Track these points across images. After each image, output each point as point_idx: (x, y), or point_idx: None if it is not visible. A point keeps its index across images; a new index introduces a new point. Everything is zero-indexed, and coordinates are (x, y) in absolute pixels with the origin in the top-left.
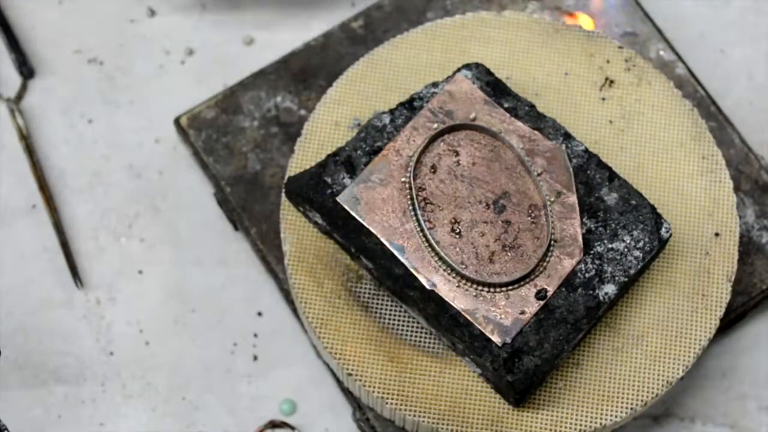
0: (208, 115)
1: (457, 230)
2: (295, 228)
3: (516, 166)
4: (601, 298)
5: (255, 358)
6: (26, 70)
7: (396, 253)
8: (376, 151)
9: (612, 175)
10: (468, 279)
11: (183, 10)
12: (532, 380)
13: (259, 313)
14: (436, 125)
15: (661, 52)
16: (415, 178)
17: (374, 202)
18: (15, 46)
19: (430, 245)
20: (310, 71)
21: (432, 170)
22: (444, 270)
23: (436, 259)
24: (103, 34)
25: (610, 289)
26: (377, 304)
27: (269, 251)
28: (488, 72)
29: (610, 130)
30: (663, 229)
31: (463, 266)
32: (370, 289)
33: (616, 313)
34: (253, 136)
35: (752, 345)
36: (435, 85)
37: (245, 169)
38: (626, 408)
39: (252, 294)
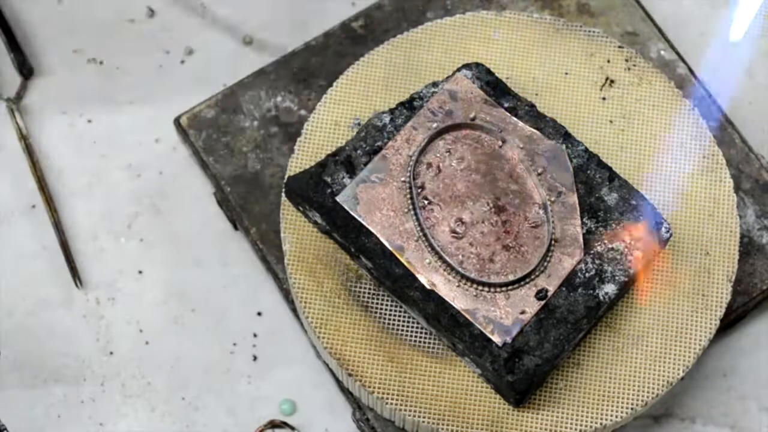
0: (208, 114)
1: (458, 230)
2: (295, 228)
3: (516, 166)
4: (602, 297)
5: (255, 358)
6: (26, 69)
7: (396, 252)
8: (376, 151)
9: (612, 175)
10: (468, 279)
11: (183, 10)
12: (533, 380)
13: (259, 313)
14: (436, 125)
15: (662, 52)
16: (414, 177)
17: (374, 201)
18: (15, 45)
19: (430, 245)
20: (310, 71)
21: (432, 170)
22: (444, 270)
23: (436, 258)
24: (103, 33)
25: (610, 288)
26: (377, 304)
27: (269, 251)
28: (488, 72)
29: (611, 129)
30: (663, 229)
31: (463, 266)
32: (370, 289)
33: (617, 313)
34: (252, 135)
35: (753, 345)
36: (435, 84)
37: (245, 168)
38: (626, 408)
39: (252, 294)
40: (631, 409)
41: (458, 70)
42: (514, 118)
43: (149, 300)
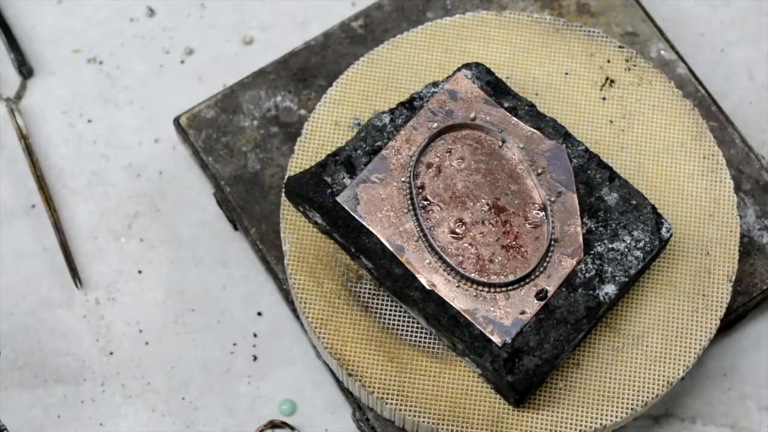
0: (208, 114)
1: (458, 230)
2: (295, 228)
3: (516, 166)
4: (602, 298)
5: (255, 358)
6: (26, 69)
7: (396, 253)
8: (376, 151)
9: (612, 175)
10: (468, 279)
11: (183, 10)
12: (532, 380)
13: (259, 313)
14: (436, 125)
15: (662, 52)
16: (415, 177)
17: (374, 201)
18: (14, 45)
19: (430, 245)
20: (310, 71)
21: (432, 170)
22: (444, 270)
23: (436, 259)
24: (103, 33)
25: (610, 289)
26: (377, 304)
27: (269, 251)
28: (488, 71)
29: (611, 129)
30: (663, 229)
31: (463, 266)
32: (370, 289)
33: (617, 313)
34: (252, 135)
35: (753, 345)
36: (435, 84)
37: (245, 168)
38: (626, 408)
39: (252, 294)
40: (631, 409)
41: (458, 70)
42: (514, 118)
43: (149, 300)
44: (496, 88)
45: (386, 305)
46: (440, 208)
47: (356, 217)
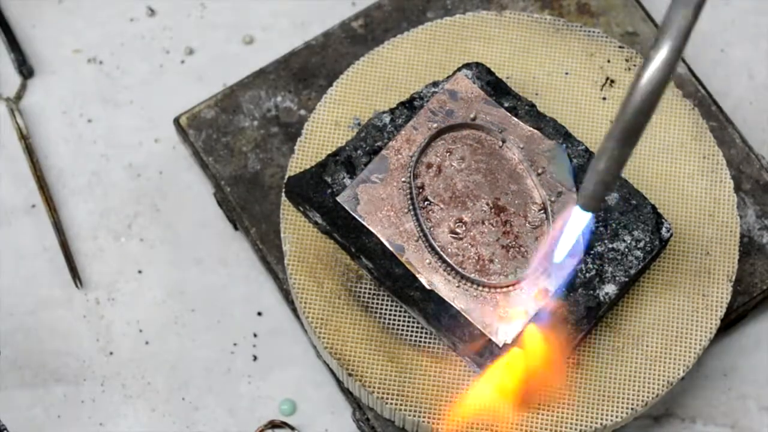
0: (208, 114)
1: (458, 230)
2: (295, 228)
3: (516, 166)
4: (602, 298)
5: (255, 358)
6: (26, 69)
7: (396, 253)
8: (376, 151)
9: None
10: (468, 279)
11: (183, 9)
12: None
13: (259, 313)
14: (436, 125)
15: None
16: (415, 177)
17: (374, 201)
18: (14, 45)
19: (430, 245)
20: (310, 71)
21: (432, 170)
22: (444, 270)
23: (436, 259)
24: (103, 33)
25: (610, 289)
26: (377, 304)
27: (269, 251)
28: (488, 71)
29: None
30: (664, 229)
31: (463, 266)
32: (370, 289)
33: (617, 313)
34: (252, 135)
35: (753, 345)
36: (435, 84)
37: (245, 168)
38: (627, 408)
39: (252, 294)
40: (631, 409)
41: (458, 70)
42: (515, 118)
43: (149, 300)
44: (496, 88)
45: (386, 305)
46: (440, 208)
47: (356, 217)
